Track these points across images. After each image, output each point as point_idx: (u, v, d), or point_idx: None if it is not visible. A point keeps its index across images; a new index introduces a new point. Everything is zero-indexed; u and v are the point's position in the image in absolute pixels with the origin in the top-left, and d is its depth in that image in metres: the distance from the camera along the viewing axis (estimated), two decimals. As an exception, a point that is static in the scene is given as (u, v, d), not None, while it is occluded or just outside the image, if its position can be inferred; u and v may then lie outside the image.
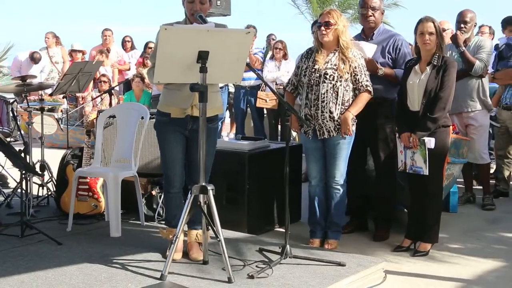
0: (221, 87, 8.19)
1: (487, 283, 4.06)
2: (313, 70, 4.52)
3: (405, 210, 5.33)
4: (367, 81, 4.51)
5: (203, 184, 3.74)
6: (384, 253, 4.59)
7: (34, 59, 10.69)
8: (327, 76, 4.46)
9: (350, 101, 4.52)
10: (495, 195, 6.33)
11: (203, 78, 3.60)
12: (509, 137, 6.51)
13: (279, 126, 8.84)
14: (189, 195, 3.77)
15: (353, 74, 4.48)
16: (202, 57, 3.56)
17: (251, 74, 8.53)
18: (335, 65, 4.46)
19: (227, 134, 9.02)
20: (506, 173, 6.57)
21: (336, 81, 4.45)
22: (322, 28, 4.46)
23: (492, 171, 6.79)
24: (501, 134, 6.54)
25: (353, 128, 4.53)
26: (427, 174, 4.45)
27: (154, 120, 4.30)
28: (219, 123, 8.37)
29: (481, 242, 4.95)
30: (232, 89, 9.44)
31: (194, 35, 3.58)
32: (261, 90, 8.67)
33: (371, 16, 4.94)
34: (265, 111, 8.98)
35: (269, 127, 8.99)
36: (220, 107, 4.17)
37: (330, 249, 4.55)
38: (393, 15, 19.41)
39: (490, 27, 7.56)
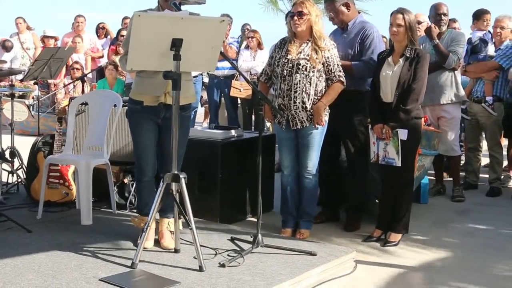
0: (195, 77, 8.14)
1: (454, 273, 4.12)
2: (286, 60, 4.52)
3: (377, 201, 5.38)
4: (339, 71, 4.52)
5: (176, 172, 3.74)
6: (355, 243, 4.63)
7: (5, 47, 10.54)
8: (300, 67, 4.47)
9: (323, 92, 4.53)
10: (464, 187, 6.42)
11: (176, 65, 3.58)
12: (480, 130, 6.60)
13: (253, 116, 8.83)
14: (161, 183, 3.76)
15: (326, 65, 4.49)
16: (176, 44, 3.54)
17: (225, 64, 8.49)
18: (308, 55, 4.47)
19: (207, 124, 8.98)
20: (476, 166, 6.67)
21: (309, 72, 4.46)
22: (295, 18, 4.47)
23: (461, 163, 6.89)
24: (471, 127, 6.62)
25: (325, 118, 4.55)
26: (400, 165, 4.49)
27: (126, 108, 4.26)
28: (192, 113, 8.35)
29: (450, 233, 5.02)
30: (206, 79, 9.39)
31: (168, 23, 3.56)
32: (235, 80, 8.64)
33: (333, 18, 5.04)
34: (239, 101, 8.96)
35: (243, 116, 8.96)
36: (193, 95, 4.16)
37: (301, 239, 4.58)
38: (375, 6, 19.44)
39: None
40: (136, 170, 4.19)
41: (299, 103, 4.49)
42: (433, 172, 6.33)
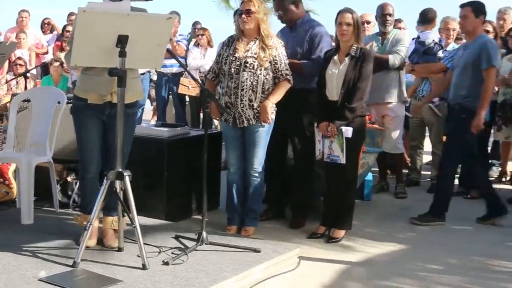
0: (142, 74, 8.06)
1: (396, 267, 4.22)
2: (234, 58, 4.54)
3: (322, 198, 5.45)
4: (286, 69, 4.56)
5: (120, 170, 3.69)
6: (299, 240, 4.68)
7: None
8: (247, 65, 4.49)
9: (270, 90, 4.56)
10: (407, 184, 6.55)
11: (122, 62, 3.54)
12: (423, 128, 6.75)
13: (201, 115, 8.80)
14: (104, 180, 3.71)
15: (273, 63, 4.52)
16: (122, 41, 3.49)
17: (174, 61, 8.39)
18: (256, 53, 4.49)
19: (155, 122, 8.90)
20: (418, 163, 6.82)
21: (256, 70, 4.49)
22: (243, 15, 4.48)
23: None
24: (416, 125, 6.76)
25: (272, 116, 4.58)
26: (344, 162, 4.56)
27: (71, 104, 4.19)
28: (140, 110, 8.27)
29: (391, 229, 5.12)
30: (154, 77, 9.32)
31: (114, 19, 3.51)
32: (184, 77, 8.59)
33: (281, 17, 5.10)
34: (187, 99, 8.92)
35: (191, 115, 8.93)
36: (140, 93, 4.12)
37: (246, 236, 4.60)
38: (322, 6, 19.52)
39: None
40: (80, 167, 4.11)
41: (246, 101, 4.51)
42: (377, 169, 6.46)
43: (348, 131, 4.50)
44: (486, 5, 5.25)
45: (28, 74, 8.73)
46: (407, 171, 6.90)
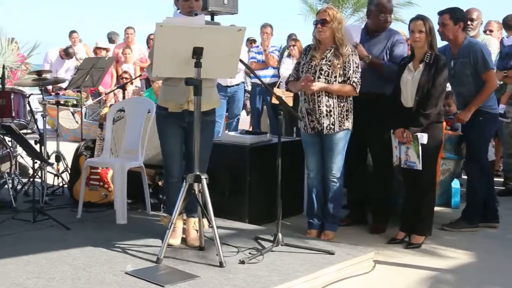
0: (237, 84, 8.40)
1: (471, 275, 4.17)
2: (310, 66, 4.69)
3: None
4: (355, 77, 4.62)
5: (197, 173, 3.95)
6: (378, 245, 4.72)
7: (69, 54, 11.20)
8: (323, 72, 4.62)
9: (345, 96, 4.67)
10: (504, 193, 6.35)
11: (197, 72, 3.81)
12: None
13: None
14: (183, 183, 3.98)
15: (343, 68, 4.62)
16: (197, 52, 3.78)
17: (267, 72, 8.73)
18: (330, 61, 4.62)
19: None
20: (517, 172, 6.60)
21: (331, 77, 4.61)
22: (318, 25, 4.63)
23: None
24: (509, 132, 6.56)
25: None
26: (421, 168, 4.57)
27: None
28: (235, 120, 8.60)
29: (475, 236, 5.03)
30: (249, 87, 9.61)
31: (189, 32, 3.80)
32: (277, 87, 8.81)
33: (388, 22, 5.14)
34: (280, 108, 9.11)
35: (284, 124, 9.11)
36: (216, 101, 4.38)
37: (325, 240, 4.71)
38: (407, 14, 19.15)
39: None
40: (164, 172, 4.44)
41: (323, 107, 4.64)
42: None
43: (423, 137, 4.51)
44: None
45: (133, 87, 9.34)
46: (502, 179, 6.69)
